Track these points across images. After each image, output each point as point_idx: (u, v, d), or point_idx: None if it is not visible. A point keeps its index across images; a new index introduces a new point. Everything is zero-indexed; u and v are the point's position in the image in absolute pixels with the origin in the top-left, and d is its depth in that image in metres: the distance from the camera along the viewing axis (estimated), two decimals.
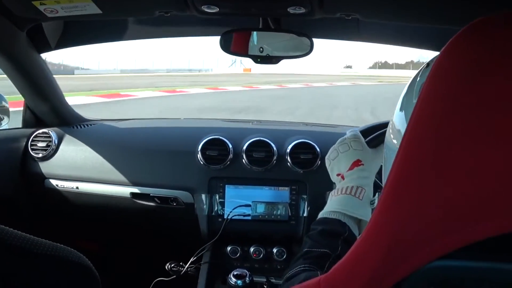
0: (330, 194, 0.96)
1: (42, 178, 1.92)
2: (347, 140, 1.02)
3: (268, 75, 39.10)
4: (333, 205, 0.92)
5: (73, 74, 37.61)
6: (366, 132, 1.10)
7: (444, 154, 0.40)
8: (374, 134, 1.06)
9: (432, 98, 0.42)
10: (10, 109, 1.98)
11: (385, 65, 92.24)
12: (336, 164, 1.01)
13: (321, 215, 0.92)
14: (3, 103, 1.94)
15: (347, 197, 0.91)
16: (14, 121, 2.01)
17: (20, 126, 2.03)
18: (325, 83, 27.47)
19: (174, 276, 1.80)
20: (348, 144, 1.01)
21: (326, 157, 1.05)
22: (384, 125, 0.96)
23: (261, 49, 1.40)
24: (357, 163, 0.97)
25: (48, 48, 1.71)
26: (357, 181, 0.94)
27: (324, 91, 20.67)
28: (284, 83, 26.18)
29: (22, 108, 2.01)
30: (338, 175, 1.00)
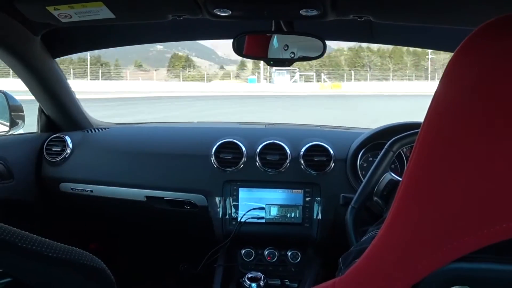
0: None
1: (57, 182, 1.94)
2: None
3: None
4: None
5: None
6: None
7: (457, 155, 0.39)
8: None
9: (445, 100, 0.41)
10: None
11: None
12: None
13: None
14: (18, 108, 1.96)
15: None
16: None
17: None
18: None
19: (188, 278, 1.81)
20: None
21: None
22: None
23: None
24: None
25: (63, 53, 1.73)
26: None
27: None
28: None
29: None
30: None
